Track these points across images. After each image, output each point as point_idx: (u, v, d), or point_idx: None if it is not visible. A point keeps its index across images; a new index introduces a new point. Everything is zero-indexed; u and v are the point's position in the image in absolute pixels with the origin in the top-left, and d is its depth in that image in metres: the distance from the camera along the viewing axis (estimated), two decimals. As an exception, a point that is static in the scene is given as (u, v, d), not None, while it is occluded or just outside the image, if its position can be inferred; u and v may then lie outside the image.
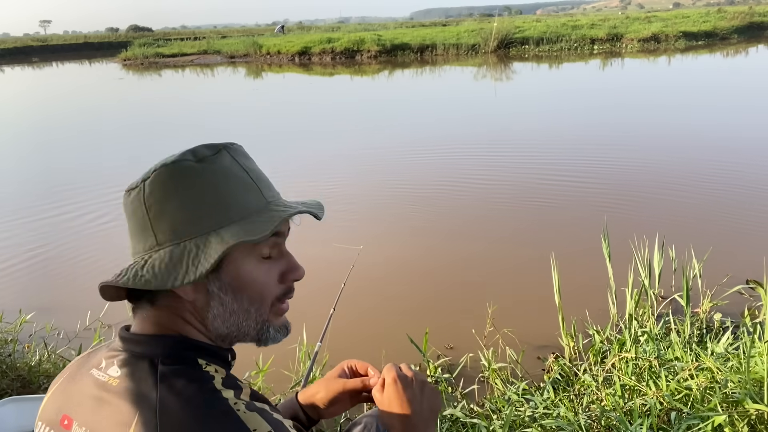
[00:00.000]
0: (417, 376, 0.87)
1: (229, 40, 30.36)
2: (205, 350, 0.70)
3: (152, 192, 0.67)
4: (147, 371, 0.65)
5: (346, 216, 4.82)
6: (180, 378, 0.64)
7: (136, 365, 0.67)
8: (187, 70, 21.75)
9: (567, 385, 2.26)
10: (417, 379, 0.86)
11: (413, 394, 0.84)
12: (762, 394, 1.67)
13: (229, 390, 0.65)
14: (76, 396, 0.69)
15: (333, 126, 9.16)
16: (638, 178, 5.41)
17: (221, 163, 0.70)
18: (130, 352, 0.69)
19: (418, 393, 0.85)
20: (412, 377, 0.86)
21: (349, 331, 2.96)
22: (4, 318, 3.00)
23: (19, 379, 2.36)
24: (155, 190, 0.67)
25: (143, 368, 0.66)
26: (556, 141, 7.19)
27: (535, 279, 3.42)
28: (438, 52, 21.32)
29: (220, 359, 0.72)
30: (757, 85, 11.25)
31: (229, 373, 0.70)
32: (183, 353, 0.68)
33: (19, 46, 37.98)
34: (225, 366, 0.72)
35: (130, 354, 0.69)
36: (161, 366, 0.65)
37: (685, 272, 2.69)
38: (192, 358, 0.68)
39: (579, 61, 17.91)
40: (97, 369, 0.69)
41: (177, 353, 0.68)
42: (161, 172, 0.68)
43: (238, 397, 0.65)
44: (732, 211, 4.43)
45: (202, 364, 0.68)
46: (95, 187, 5.98)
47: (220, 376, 0.68)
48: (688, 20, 23.34)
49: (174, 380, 0.64)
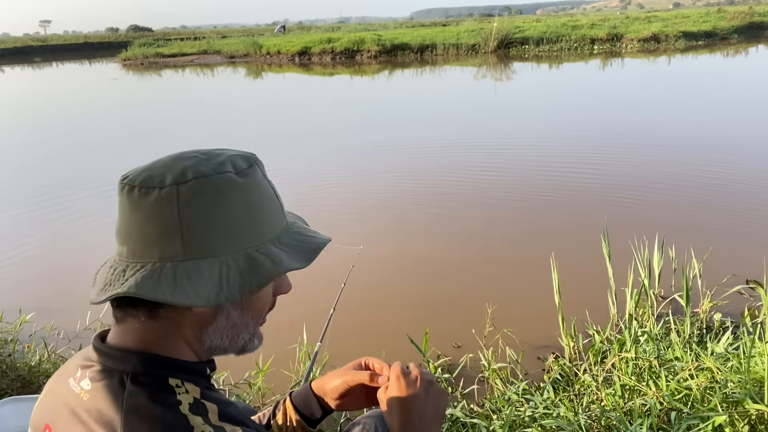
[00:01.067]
0: (424, 375, 0.85)
1: (229, 40, 30.37)
2: (179, 368, 0.68)
3: (191, 201, 0.63)
4: (115, 390, 0.64)
5: (346, 216, 4.82)
6: (146, 401, 0.63)
7: (105, 382, 0.65)
8: (187, 70, 21.75)
9: (567, 385, 2.26)
10: (423, 379, 0.84)
11: (416, 393, 0.82)
12: (762, 394, 1.67)
13: (197, 416, 0.63)
14: (56, 406, 0.68)
15: (332, 126, 9.16)
16: (638, 178, 5.40)
17: (256, 177, 0.69)
18: (103, 365, 0.67)
19: (423, 393, 0.83)
20: (417, 376, 0.84)
21: (349, 331, 2.96)
22: (4, 318, 3.00)
23: (19, 379, 2.36)
24: (196, 199, 0.63)
25: (112, 386, 0.64)
26: (555, 141, 7.19)
27: (535, 279, 3.42)
28: (438, 52, 21.33)
29: (196, 374, 0.70)
30: (758, 84, 11.26)
31: (203, 391, 0.68)
32: (154, 371, 0.66)
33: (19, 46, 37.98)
34: (201, 380, 0.70)
35: (102, 367, 0.67)
36: (129, 385, 0.63)
37: (685, 272, 2.69)
38: (163, 377, 0.66)
39: (579, 61, 17.91)
40: (73, 379, 0.68)
41: (148, 371, 0.65)
42: (203, 183, 0.64)
43: (206, 422, 0.63)
44: (732, 211, 4.43)
45: (173, 384, 0.66)
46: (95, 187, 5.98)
47: (190, 398, 0.65)
48: (688, 20, 23.34)
49: (140, 402, 0.62)
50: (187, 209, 0.63)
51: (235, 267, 0.65)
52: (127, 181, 0.65)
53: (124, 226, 0.66)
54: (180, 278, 0.62)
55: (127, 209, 0.65)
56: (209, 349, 0.71)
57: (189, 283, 0.62)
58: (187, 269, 0.63)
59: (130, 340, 0.67)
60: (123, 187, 0.65)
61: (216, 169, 0.65)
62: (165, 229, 0.63)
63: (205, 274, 0.63)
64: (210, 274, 0.63)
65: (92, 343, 0.70)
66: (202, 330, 0.69)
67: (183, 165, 0.65)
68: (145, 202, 0.63)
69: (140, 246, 0.64)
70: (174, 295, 0.61)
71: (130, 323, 0.67)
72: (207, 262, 0.64)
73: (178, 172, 0.64)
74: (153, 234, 0.63)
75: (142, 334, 0.67)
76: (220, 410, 0.66)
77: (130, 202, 0.65)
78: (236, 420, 0.67)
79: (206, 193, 0.64)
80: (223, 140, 8.29)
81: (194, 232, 0.63)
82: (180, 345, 0.69)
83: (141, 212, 0.64)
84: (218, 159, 0.67)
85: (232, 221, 0.65)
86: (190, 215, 0.63)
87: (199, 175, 0.64)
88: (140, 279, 0.62)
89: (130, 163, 0.72)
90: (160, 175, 0.64)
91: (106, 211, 5.15)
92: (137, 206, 0.64)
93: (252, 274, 0.65)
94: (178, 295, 0.62)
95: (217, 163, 0.66)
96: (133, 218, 0.64)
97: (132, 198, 0.64)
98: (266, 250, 0.67)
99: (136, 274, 0.63)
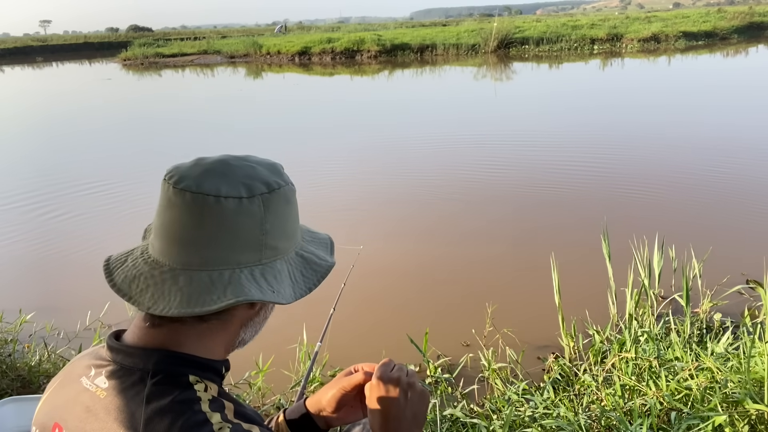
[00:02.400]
0: (405, 378, 0.81)
1: (229, 40, 30.35)
2: (198, 365, 0.69)
3: (272, 211, 0.68)
4: (135, 388, 0.64)
5: (346, 216, 4.82)
6: (167, 398, 0.63)
7: (124, 379, 0.65)
8: (187, 70, 21.75)
9: (567, 385, 2.26)
10: (404, 381, 0.81)
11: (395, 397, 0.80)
12: (762, 394, 1.67)
13: (216, 413, 0.65)
14: (66, 403, 0.68)
15: (332, 126, 9.16)
16: (638, 178, 5.40)
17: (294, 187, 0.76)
18: (119, 364, 0.67)
19: (402, 397, 0.80)
20: (398, 378, 0.81)
21: (349, 331, 2.96)
22: (4, 318, 3.00)
23: (19, 379, 2.36)
24: (275, 209, 0.69)
25: (131, 384, 0.65)
26: (556, 141, 7.19)
27: (535, 279, 3.42)
28: (438, 52, 21.33)
29: (213, 372, 0.71)
30: (758, 84, 11.26)
31: (220, 389, 0.70)
32: (174, 369, 0.66)
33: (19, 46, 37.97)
34: (218, 378, 0.72)
35: (119, 366, 0.67)
36: (150, 383, 0.64)
37: (685, 272, 2.69)
38: (183, 374, 0.67)
39: (579, 61, 17.91)
40: (86, 377, 0.68)
41: (168, 369, 0.66)
42: (279, 193, 0.70)
43: (225, 419, 0.64)
44: (732, 211, 4.43)
45: (193, 381, 0.67)
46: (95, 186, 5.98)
47: (209, 395, 0.67)
48: (688, 20, 23.34)
49: (161, 399, 0.63)
50: (269, 218, 0.68)
51: (296, 266, 0.72)
52: (190, 187, 0.65)
53: (191, 233, 0.65)
54: (269, 280, 0.68)
55: (197, 216, 0.65)
56: (239, 343, 0.76)
57: (276, 283, 0.68)
58: (269, 271, 0.69)
59: (155, 341, 0.68)
60: (184, 192, 0.65)
61: (284, 180, 0.72)
62: (251, 238, 0.67)
63: (280, 275, 0.70)
64: (282, 275, 0.70)
65: (107, 342, 0.71)
66: (245, 326, 0.74)
67: (253, 173, 0.69)
68: (228, 211, 0.65)
69: (221, 253, 0.66)
70: (275, 296, 0.67)
71: (169, 327, 0.68)
72: (278, 263, 0.70)
73: (256, 182, 0.68)
74: (238, 242, 0.66)
75: (178, 336, 0.68)
76: (236, 409, 0.68)
77: (204, 209, 0.64)
78: (252, 419, 0.68)
79: (281, 202, 0.70)
80: (221, 140, 8.28)
81: (272, 238, 0.69)
82: (216, 343, 0.71)
83: (223, 220, 0.65)
84: (274, 168, 0.73)
85: (293, 226, 0.74)
86: (272, 224, 0.69)
87: (277, 186, 0.70)
88: (242, 284, 0.65)
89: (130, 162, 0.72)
90: (239, 184, 0.67)
91: (106, 211, 5.15)
92: (215, 214, 0.65)
93: (309, 271, 0.73)
94: (276, 295, 0.67)
95: (279, 173, 0.73)
96: (211, 226, 0.65)
97: (207, 205, 0.65)
98: (308, 249, 0.76)
99: (231, 281, 0.65)
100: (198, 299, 0.64)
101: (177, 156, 0.75)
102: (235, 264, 0.66)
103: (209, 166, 0.68)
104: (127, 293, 0.66)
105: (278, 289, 0.68)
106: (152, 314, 0.66)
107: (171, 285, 0.65)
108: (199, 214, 0.65)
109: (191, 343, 0.68)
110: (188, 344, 0.68)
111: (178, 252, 0.66)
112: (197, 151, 0.78)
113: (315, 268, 0.74)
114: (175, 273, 0.65)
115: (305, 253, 0.74)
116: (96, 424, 0.63)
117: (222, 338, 0.71)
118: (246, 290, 0.64)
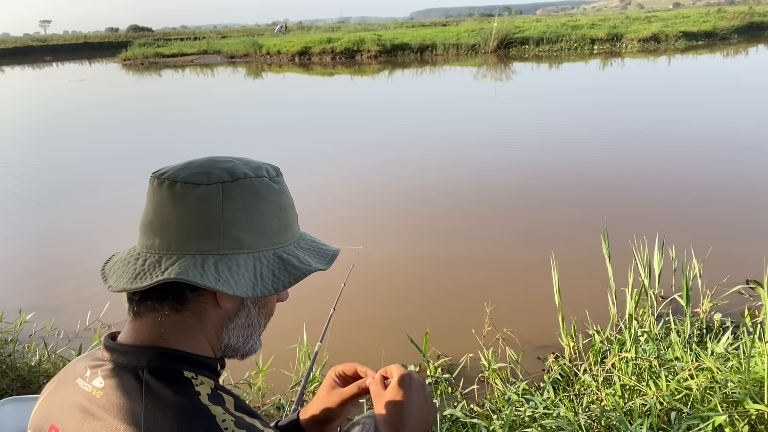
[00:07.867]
0: (425, 386, 0.85)
1: (229, 40, 30.35)
2: (193, 361, 0.69)
3: (234, 199, 0.67)
4: (132, 384, 0.64)
5: (346, 216, 4.82)
6: (166, 391, 0.63)
7: (120, 377, 0.65)
8: (187, 70, 21.75)
9: (567, 385, 2.26)
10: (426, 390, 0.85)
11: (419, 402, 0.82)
12: (762, 394, 1.67)
13: (216, 405, 0.65)
14: (63, 406, 0.68)
15: (332, 125, 9.16)
16: (638, 178, 5.41)
17: (283, 185, 0.75)
18: (115, 362, 0.67)
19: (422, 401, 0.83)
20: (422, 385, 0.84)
21: (349, 331, 2.96)
22: (4, 318, 2.99)
23: (19, 379, 2.36)
24: (239, 197, 0.68)
25: (128, 380, 0.65)
26: (555, 141, 7.19)
27: (535, 279, 3.42)
28: (438, 52, 21.33)
29: (208, 369, 0.71)
30: (758, 84, 11.26)
31: (216, 384, 0.69)
32: (169, 365, 0.67)
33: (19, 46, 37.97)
34: (213, 375, 0.71)
35: (114, 364, 0.67)
36: (147, 378, 0.64)
37: (685, 272, 2.69)
38: (178, 370, 0.67)
39: (579, 61, 17.91)
40: (82, 379, 0.68)
41: (163, 365, 0.66)
42: (246, 183, 0.68)
43: (227, 412, 0.65)
44: (732, 211, 4.43)
45: (189, 376, 0.67)
46: (94, 186, 5.98)
47: (207, 388, 0.67)
48: (688, 20, 23.33)
49: (160, 394, 0.63)
50: (230, 206, 0.67)
51: (267, 264, 0.69)
52: (168, 176, 0.68)
53: (159, 219, 0.67)
54: (221, 269, 0.65)
55: (167, 202, 0.67)
56: (225, 347, 0.74)
57: (229, 275, 0.65)
58: (225, 262, 0.66)
59: (143, 336, 0.68)
60: (162, 182, 0.68)
61: (256, 173, 0.70)
62: (207, 224, 0.66)
63: (242, 268, 0.67)
64: (246, 269, 0.67)
65: (103, 343, 0.71)
66: (224, 326, 0.72)
67: (224, 165, 0.69)
68: (189, 197, 0.66)
69: (178, 238, 0.66)
70: (218, 284, 0.64)
71: (150, 318, 0.68)
72: (242, 257, 0.68)
73: (222, 171, 0.68)
74: (194, 227, 0.66)
75: (159, 329, 0.68)
76: (236, 402, 0.68)
77: (171, 195, 0.67)
78: (252, 413, 0.69)
79: (248, 193, 0.68)
80: (223, 139, 8.29)
81: (234, 228, 0.67)
82: (198, 340, 0.70)
83: (183, 206, 0.66)
84: (255, 164, 0.72)
85: (265, 222, 0.70)
86: (232, 213, 0.67)
87: (243, 176, 0.69)
88: (185, 267, 0.64)
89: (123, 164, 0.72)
90: (204, 173, 0.68)
91: (106, 211, 5.15)
92: (179, 200, 0.66)
93: (283, 272, 0.70)
94: (222, 284, 0.64)
95: (256, 167, 0.71)
96: (174, 211, 0.67)
97: (174, 192, 0.67)
98: (292, 252, 0.73)
99: (177, 263, 0.65)
100: (143, 277, 0.65)
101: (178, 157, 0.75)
102: (191, 250, 0.66)
103: (192, 162, 0.71)
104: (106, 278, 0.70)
105: (228, 280, 0.65)
106: (132, 305, 0.69)
107: (132, 266, 0.67)
108: (159, 200, 0.68)
109: (175, 338, 0.68)
110: (172, 339, 0.68)
111: (142, 236, 0.69)
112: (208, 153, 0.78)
113: (291, 270, 0.70)
114: (138, 256, 0.68)
115: (285, 255, 0.71)
116: (95, 423, 0.63)
117: (202, 333, 0.70)
118: (184, 272, 0.63)
